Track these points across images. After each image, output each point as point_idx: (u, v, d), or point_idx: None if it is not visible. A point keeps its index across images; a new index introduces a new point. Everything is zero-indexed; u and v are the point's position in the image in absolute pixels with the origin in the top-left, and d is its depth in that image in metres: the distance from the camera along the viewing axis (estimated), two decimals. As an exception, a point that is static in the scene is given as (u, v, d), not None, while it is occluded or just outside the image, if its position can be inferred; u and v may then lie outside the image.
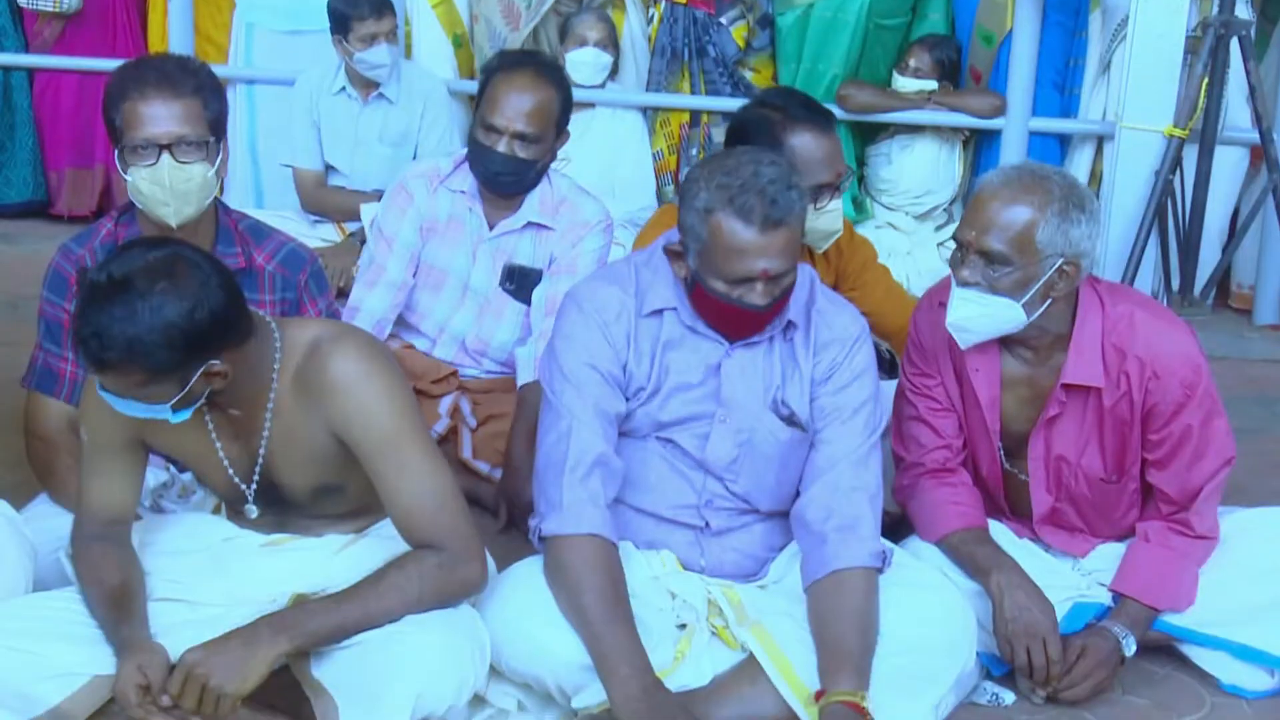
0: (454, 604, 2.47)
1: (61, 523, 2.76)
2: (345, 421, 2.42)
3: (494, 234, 3.60)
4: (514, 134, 3.42)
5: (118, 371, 2.27)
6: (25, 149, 5.83)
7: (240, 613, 2.47)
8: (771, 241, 2.48)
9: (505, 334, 3.67)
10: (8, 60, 5.72)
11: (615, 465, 2.62)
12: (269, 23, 5.54)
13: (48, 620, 2.46)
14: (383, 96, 4.91)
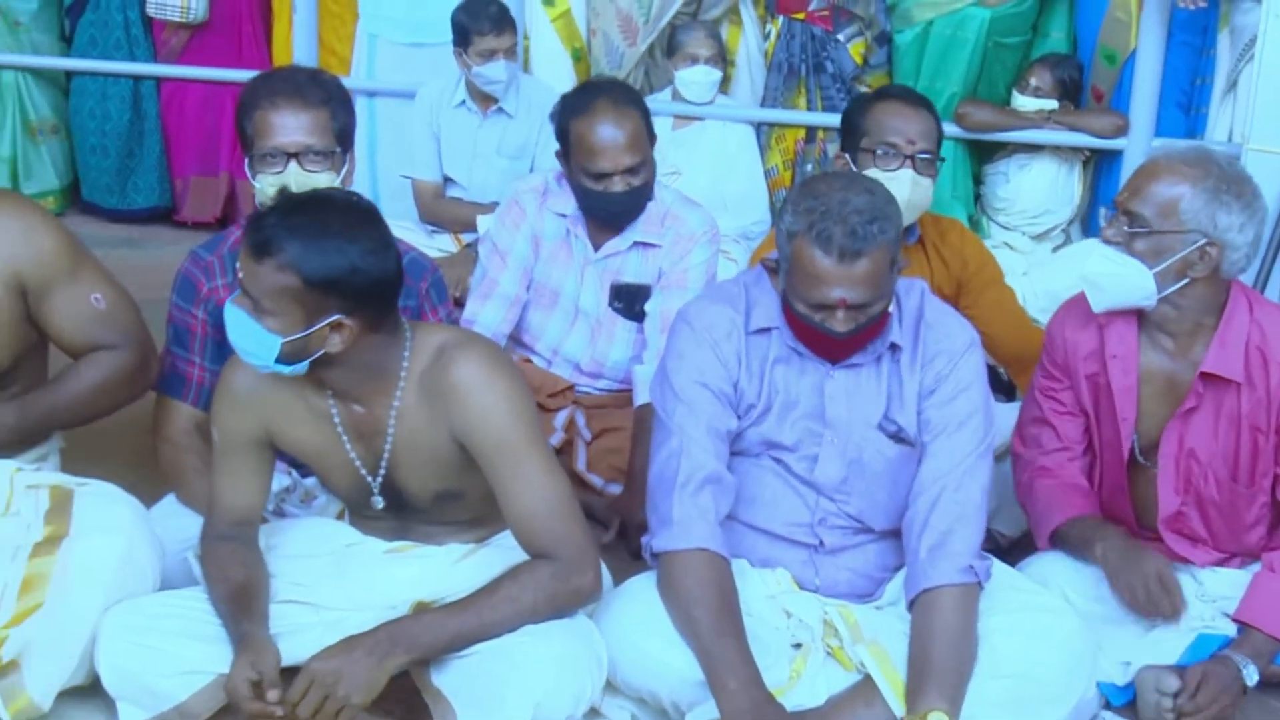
0: (569, 613, 2.49)
1: (188, 522, 2.82)
2: (467, 425, 2.45)
3: (600, 255, 3.60)
4: (623, 170, 3.44)
5: (274, 265, 2.32)
6: (152, 156, 5.96)
7: (361, 617, 2.50)
8: (849, 272, 2.46)
9: (619, 353, 3.68)
10: (137, 69, 5.84)
11: (727, 482, 2.63)
12: (391, 35, 5.60)
13: (174, 618, 2.52)
14: (501, 110, 4.96)
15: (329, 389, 2.52)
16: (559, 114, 3.53)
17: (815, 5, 5.25)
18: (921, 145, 3.24)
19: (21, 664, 2.50)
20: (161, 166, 5.99)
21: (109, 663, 2.48)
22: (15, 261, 2.74)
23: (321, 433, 2.57)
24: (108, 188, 5.93)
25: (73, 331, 2.85)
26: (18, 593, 2.52)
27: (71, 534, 2.59)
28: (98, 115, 5.86)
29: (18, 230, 2.76)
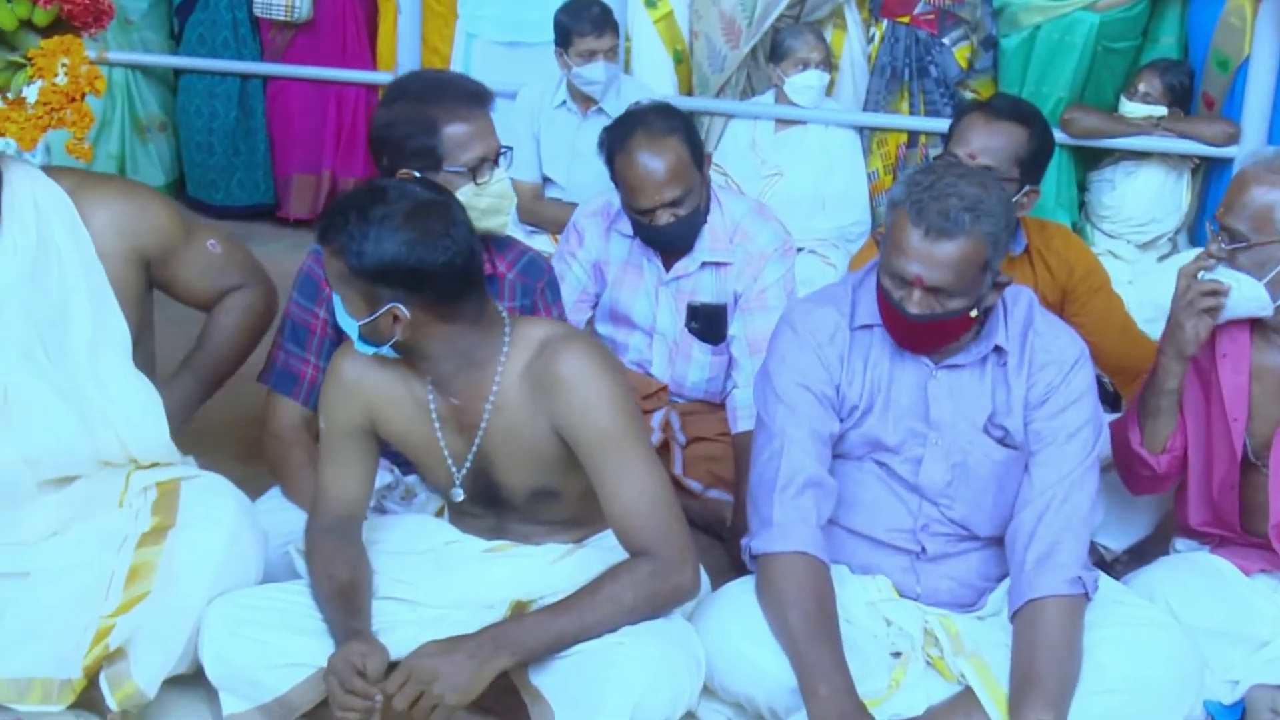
0: (666, 612, 2.48)
1: (291, 517, 2.86)
2: (569, 417, 2.45)
3: (671, 276, 3.58)
4: (665, 205, 3.38)
5: (330, 251, 2.41)
6: (257, 153, 6.02)
7: (459, 615, 2.52)
8: (931, 251, 2.45)
9: (697, 374, 3.66)
10: (244, 67, 5.91)
11: (828, 485, 2.61)
12: (489, 34, 5.62)
13: (277, 611, 2.54)
14: (601, 111, 4.96)
15: (428, 378, 2.54)
16: (604, 143, 3.48)
17: (920, 8, 5.20)
18: (985, 160, 3.17)
19: (128, 652, 2.54)
20: (265, 164, 6.05)
21: (212, 653, 2.51)
22: (136, 238, 2.82)
23: (418, 422, 2.59)
24: (212, 184, 6.00)
25: (202, 283, 2.99)
26: (124, 582, 2.56)
27: (178, 525, 2.62)
28: (204, 113, 5.94)
29: (131, 208, 2.84)
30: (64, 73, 2.61)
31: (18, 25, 2.66)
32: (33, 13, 2.65)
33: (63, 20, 2.67)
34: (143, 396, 2.77)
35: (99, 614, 2.54)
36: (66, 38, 2.64)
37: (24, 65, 2.68)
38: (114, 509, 2.70)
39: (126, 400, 2.74)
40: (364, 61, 5.89)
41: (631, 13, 5.39)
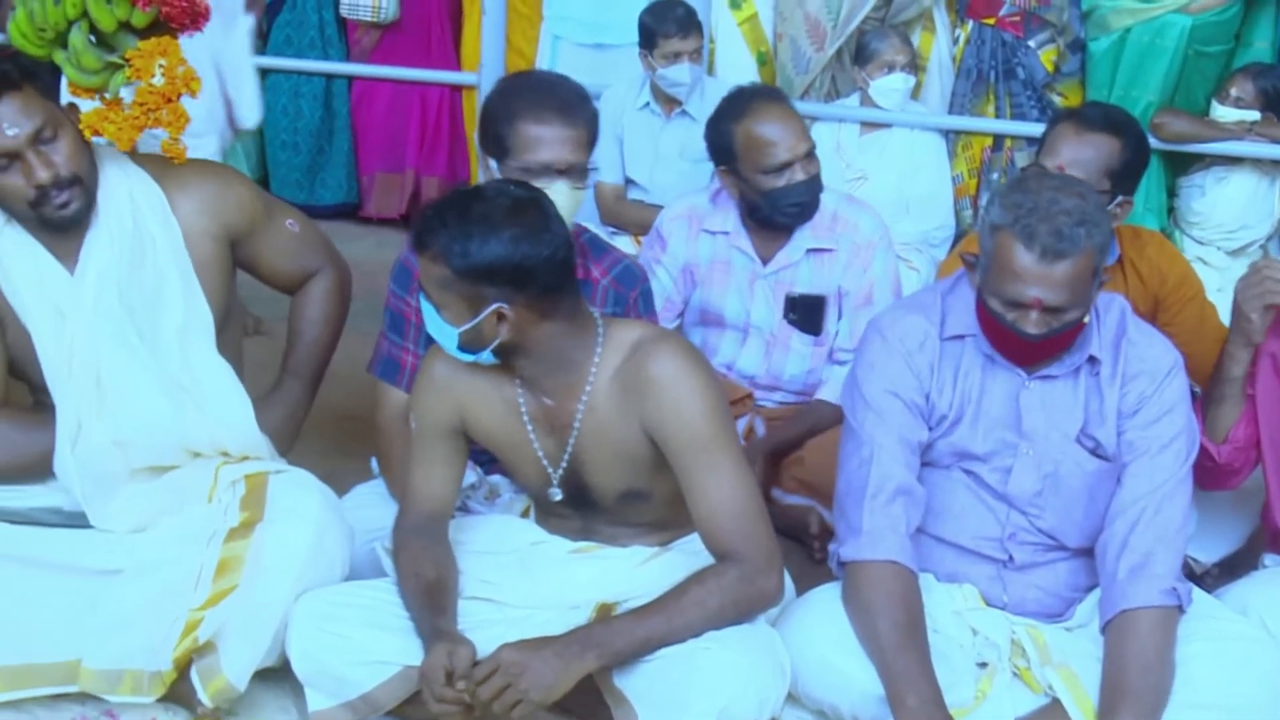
0: (751, 617, 2.46)
1: (377, 513, 2.88)
2: (660, 418, 2.44)
3: (771, 269, 3.57)
4: (802, 157, 3.42)
5: (429, 258, 2.38)
6: (341, 153, 6.09)
7: (545, 616, 2.53)
8: (1049, 272, 2.41)
9: (795, 366, 3.64)
10: (329, 68, 5.98)
11: (917, 494, 2.59)
12: (575, 35, 5.63)
13: (364, 608, 2.56)
14: (685, 113, 4.95)
15: (519, 379, 2.55)
16: (715, 129, 3.50)
17: (1006, 10, 5.15)
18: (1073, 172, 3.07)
19: (218, 645, 2.57)
20: (349, 163, 6.12)
21: (299, 649, 2.54)
22: (222, 215, 2.89)
23: (509, 423, 2.59)
24: (297, 183, 6.07)
25: (284, 263, 3.05)
26: (213, 575, 2.60)
27: (265, 519, 2.66)
28: (290, 112, 6.01)
29: (216, 187, 2.90)
30: (161, 73, 2.65)
31: (117, 27, 2.71)
32: (131, 14, 2.69)
33: (160, 22, 2.71)
34: (228, 384, 2.82)
35: (188, 607, 2.58)
36: (164, 39, 2.68)
37: (122, 66, 2.72)
38: (203, 503, 2.74)
39: (213, 387, 2.79)
40: (448, 62, 5.93)
41: (716, 14, 5.38)
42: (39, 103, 2.63)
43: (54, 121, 2.65)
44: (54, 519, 2.75)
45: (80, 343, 2.71)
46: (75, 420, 2.71)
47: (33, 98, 2.62)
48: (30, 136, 2.61)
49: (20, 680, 2.62)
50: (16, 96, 2.60)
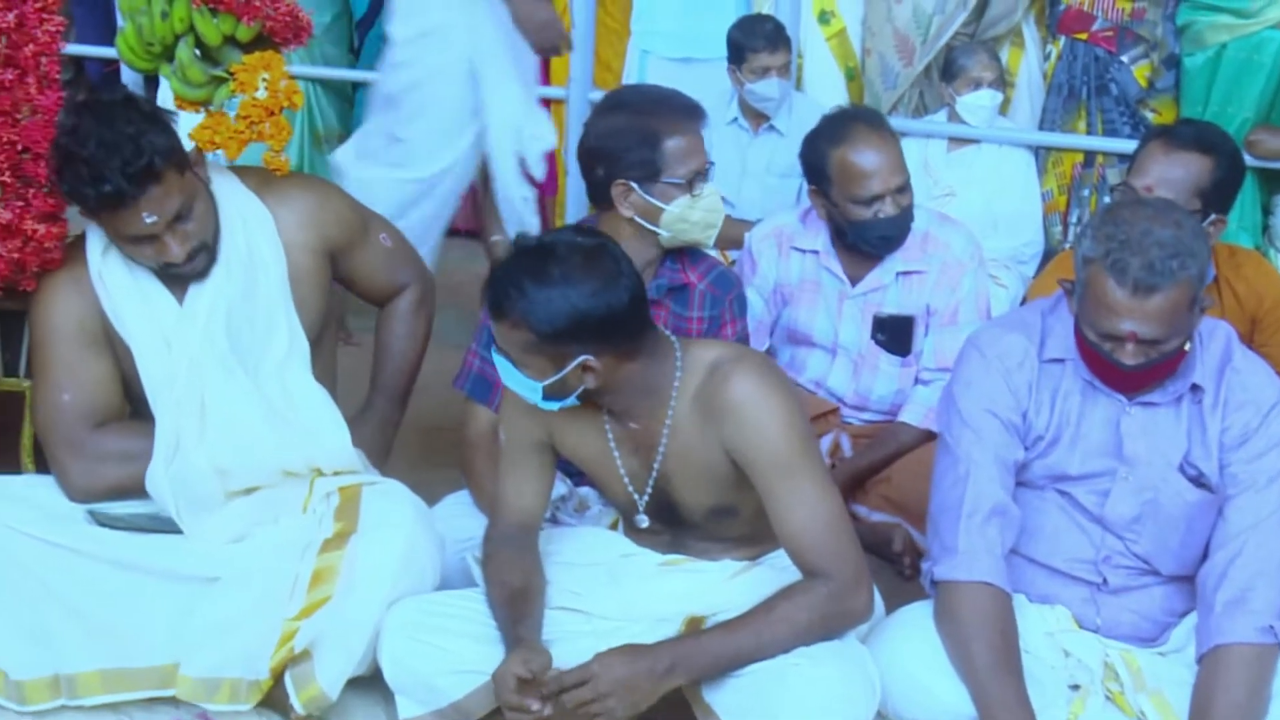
0: (840, 634, 2.46)
1: (468, 523, 2.91)
2: (741, 441, 2.44)
3: (859, 290, 3.55)
4: (894, 191, 3.40)
5: (508, 324, 2.38)
6: (428, 165, 6.13)
7: (634, 629, 2.53)
8: (1142, 306, 2.37)
9: (884, 387, 3.62)
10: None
11: (1013, 514, 2.56)
12: (662, 50, 5.65)
13: (455, 618, 2.58)
14: (773, 128, 4.96)
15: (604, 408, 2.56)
16: (811, 149, 3.48)
17: (1099, 25, 5.10)
18: (1162, 192, 3.04)
19: (312, 653, 2.60)
20: (436, 176, 6.15)
21: (390, 657, 2.56)
22: (322, 228, 2.94)
23: (596, 444, 2.60)
24: (384, 195, 6.11)
25: (378, 276, 3.10)
26: (308, 586, 2.63)
27: (359, 530, 2.69)
28: (382, 125, 6.06)
29: (315, 201, 2.95)
30: (264, 87, 2.69)
31: (222, 41, 2.76)
32: (236, 29, 2.74)
33: (264, 36, 2.76)
34: (325, 408, 2.85)
35: (283, 617, 2.62)
36: (267, 53, 2.73)
37: (226, 80, 2.77)
38: (298, 514, 2.79)
39: (310, 412, 2.83)
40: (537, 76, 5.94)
41: (805, 29, 5.37)
42: (177, 185, 2.65)
43: (189, 196, 2.67)
44: (151, 524, 2.79)
45: (185, 371, 2.76)
46: (174, 441, 2.76)
47: (172, 182, 2.64)
48: (168, 222, 2.66)
49: (119, 683, 2.67)
50: (157, 187, 2.62)
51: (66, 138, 2.62)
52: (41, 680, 2.65)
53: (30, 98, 2.72)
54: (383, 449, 3.06)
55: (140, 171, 2.58)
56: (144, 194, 2.61)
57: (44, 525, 2.68)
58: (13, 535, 2.64)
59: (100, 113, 2.61)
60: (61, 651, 2.65)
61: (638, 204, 2.93)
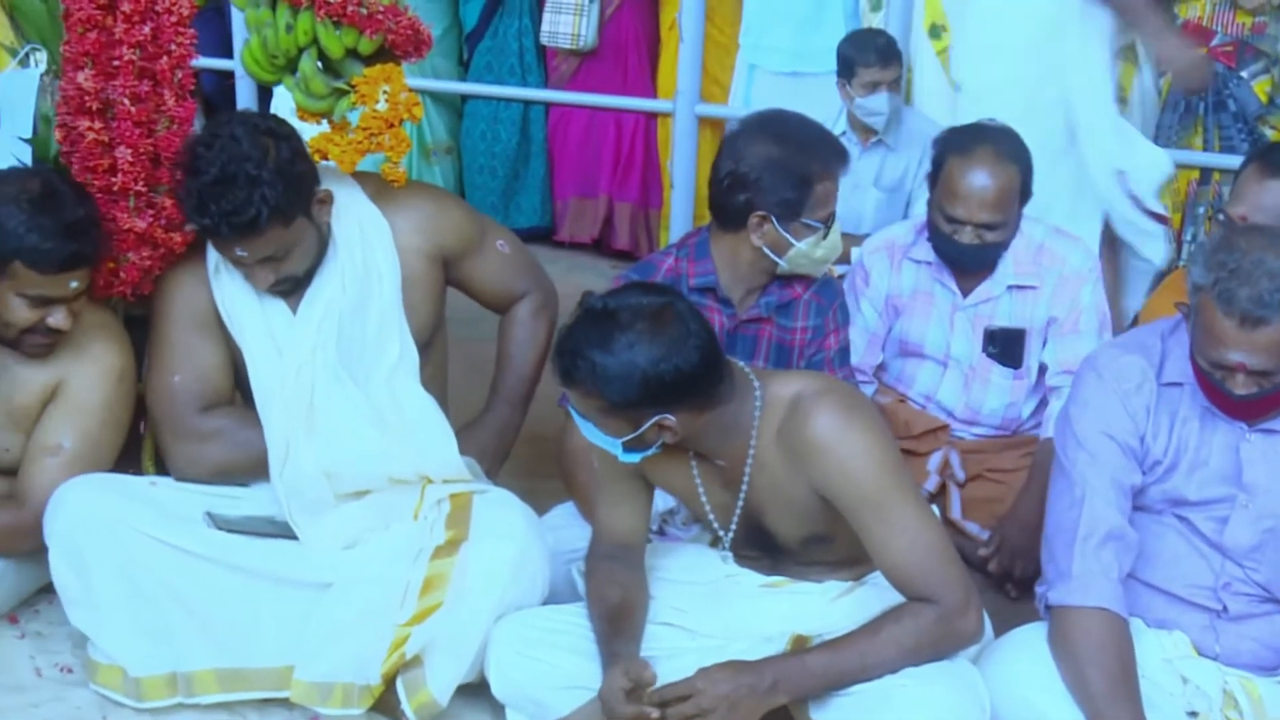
0: (949, 656, 2.43)
1: (574, 534, 2.93)
2: (826, 479, 2.41)
3: (970, 302, 3.52)
4: (977, 224, 3.35)
5: (580, 392, 2.37)
6: (537, 178, 6.18)
7: (739, 647, 2.52)
8: (1250, 338, 2.31)
9: (995, 400, 3.58)
10: (528, 94, 6.07)
11: (1129, 538, 2.51)
12: (771, 64, 5.63)
13: (561, 632, 2.59)
14: (881, 143, 4.92)
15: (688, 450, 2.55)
16: (941, 144, 3.47)
17: (1218, 40, 5.00)
18: (1257, 220, 2.95)
19: (424, 659, 2.63)
20: (544, 188, 6.20)
21: (498, 672, 2.58)
22: (437, 235, 2.97)
23: (682, 479, 2.60)
24: (493, 207, 6.16)
25: (494, 283, 3.13)
26: (419, 592, 2.66)
27: (470, 538, 2.71)
28: (488, 137, 6.12)
29: (431, 208, 2.99)
30: (384, 99, 2.72)
31: (344, 54, 2.79)
32: (359, 42, 2.77)
33: (385, 49, 2.79)
34: (433, 417, 2.88)
35: (395, 623, 2.64)
36: (388, 66, 2.76)
37: (347, 92, 2.81)
38: (409, 521, 2.81)
39: (419, 420, 2.86)
40: (645, 90, 5.97)
41: (915, 44, 5.32)
42: (277, 237, 2.69)
43: (290, 244, 2.72)
44: (267, 529, 2.83)
45: (294, 377, 2.81)
46: (284, 445, 2.81)
47: (272, 235, 2.68)
48: (259, 260, 2.72)
49: (234, 683, 2.72)
50: (255, 238, 2.67)
51: (191, 155, 2.68)
52: (159, 678, 2.71)
53: (166, 109, 2.79)
54: (499, 455, 3.09)
55: (242, 223, 2.63)
56: (239, 240, 2.67)
57: (165, 527, 2.73)
58: (135, 536, 2.70)
59: (232, 146, 2.64)
60: (179, 650, 2.71)
61: (770, 235, 2.92)
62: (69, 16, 2.77)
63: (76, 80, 2.76)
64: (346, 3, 2.70)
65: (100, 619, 2.71)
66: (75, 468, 2.81)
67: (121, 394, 2.91)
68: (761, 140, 2.93)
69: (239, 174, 2.61)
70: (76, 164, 2.85)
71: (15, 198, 2.66)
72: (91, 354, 2.86)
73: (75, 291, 2.72)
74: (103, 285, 2.91)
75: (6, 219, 2.64)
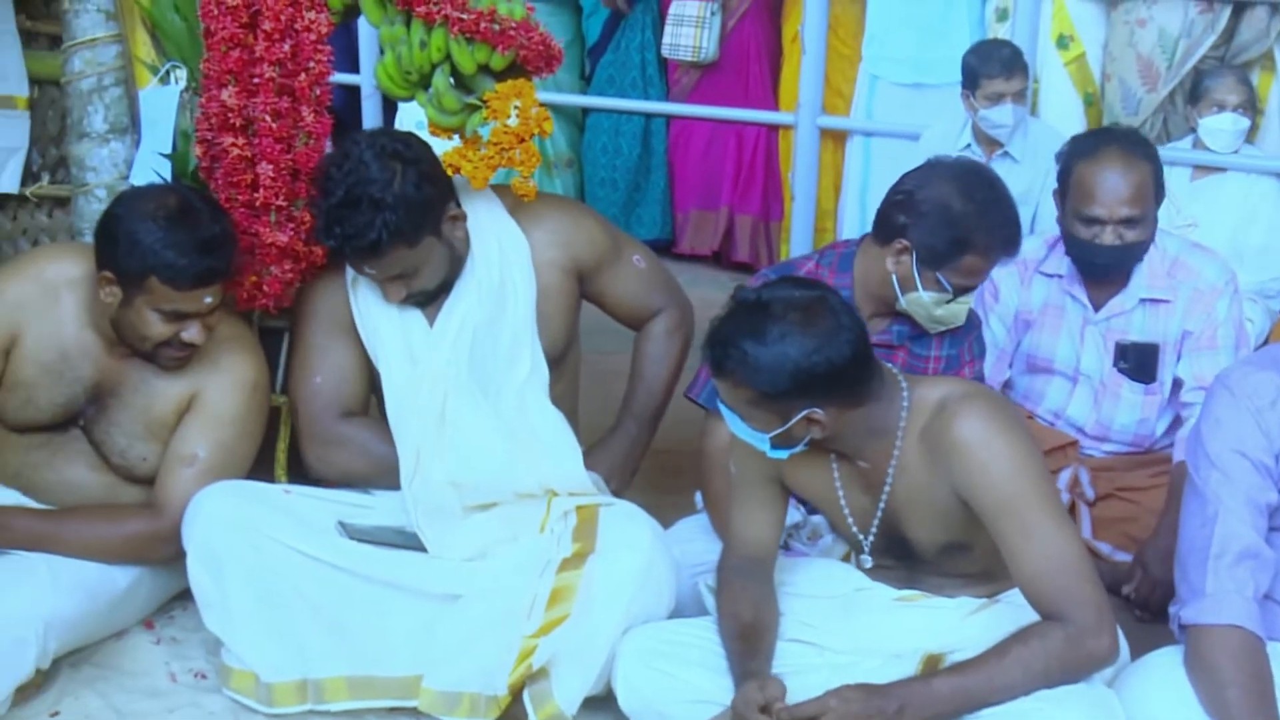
0: (1081, 679, 2.38)
1: (699, 547, 2.93)
2: (968, 481, 2.39)
3: (1102, 316, 3.46)
4: (1118, 221, 3.28)
5: (730, 383, 2.37)
6: (657, 190, 6.20)
7: (869, 664, 2.49)
8: None
9: (1126, 416, 3.51)
10: (649, 107, 6.10)
11: (1265, 556, 2.45)
12: (893, 75, 5.61)
13: (688, 646, 2.59)
14: (1007, 155, 4.87)
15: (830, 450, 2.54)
16: (1065, 154, 3.42)
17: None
18: None
19: (550, 671, 2.64)
20: (665, 200, 6.22)
21: (625, 685, 2.58)
22: (572, 248, 3.00)
23: (822, 482, 2.59)
24: (613, 219, 6.02)
25: (629, 299, 3.13)
26: (546, 604, 2.67)
27: (597, 550, 2.72)
28: (610, 150, 6.16)
29: (567, 222, 3.02)
30: (516, 114, 2.75)
31: (476, 69, 2.82)
32: (491, 57, 2.80)
33: (517, 65, 2.82)
34: (561, 433, 2.90)
35: (521, 634, 2.66)
36: (519, 81, 2.79)
37: (479, 107, 2.84)
38: (536, 533, 2.83)
39: (547, 435, 2.89)
40: (766, 102, 5.96)
41: (1041, 54, 5.26)
42: (401, 258, 2.75)
43: (416, 264, 2.77)
44: (397, 539, 2.87)
45: (429, 389, 2.85)
46: (415, 454, 2.85)
47: (396, 256, 2.74)
48: (387, 278, 2.78)
49: (363, 690, 2.75)
50: (376, 259, 2.74)
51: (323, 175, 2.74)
52: (290, 684, 2.74)
53: (305, 125, 2.84)
54: (627, 473, 3.10)
55: (363, 247, 2.70)
56: (362, 261, 2.74)
57: (299, 535, 2.77)
58: (270, 543, 2.75)
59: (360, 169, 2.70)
60: (310, 657, 2.74)
61: (903, 268, 2.87)
62: (211, 35, 2.83)
63: (220, 97, 2.82)
64: (480, 19, 2.73)
65: (234, 624, 2.76)
66: (209, 477, 2.86)
67: (255, 405, 2.96)
68: (952, 183, 2.85)
69: (363, 197, 2.67)
70: (220, 179, 2.92)
71: (152, 214, 2.71)
72: (226, 366, 2.92)
73: (209, 306, 2.78)
74: (245, 298, 2.98)
75: (143, 235, 2.70)
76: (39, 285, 2.87)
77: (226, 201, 2.89)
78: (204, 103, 2.88)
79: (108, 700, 2.77)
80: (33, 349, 2.85)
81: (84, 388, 2.91)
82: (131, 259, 2.70)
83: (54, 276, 2.88)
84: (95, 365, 2.87)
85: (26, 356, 2.85)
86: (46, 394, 2.89)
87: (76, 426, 2.94)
